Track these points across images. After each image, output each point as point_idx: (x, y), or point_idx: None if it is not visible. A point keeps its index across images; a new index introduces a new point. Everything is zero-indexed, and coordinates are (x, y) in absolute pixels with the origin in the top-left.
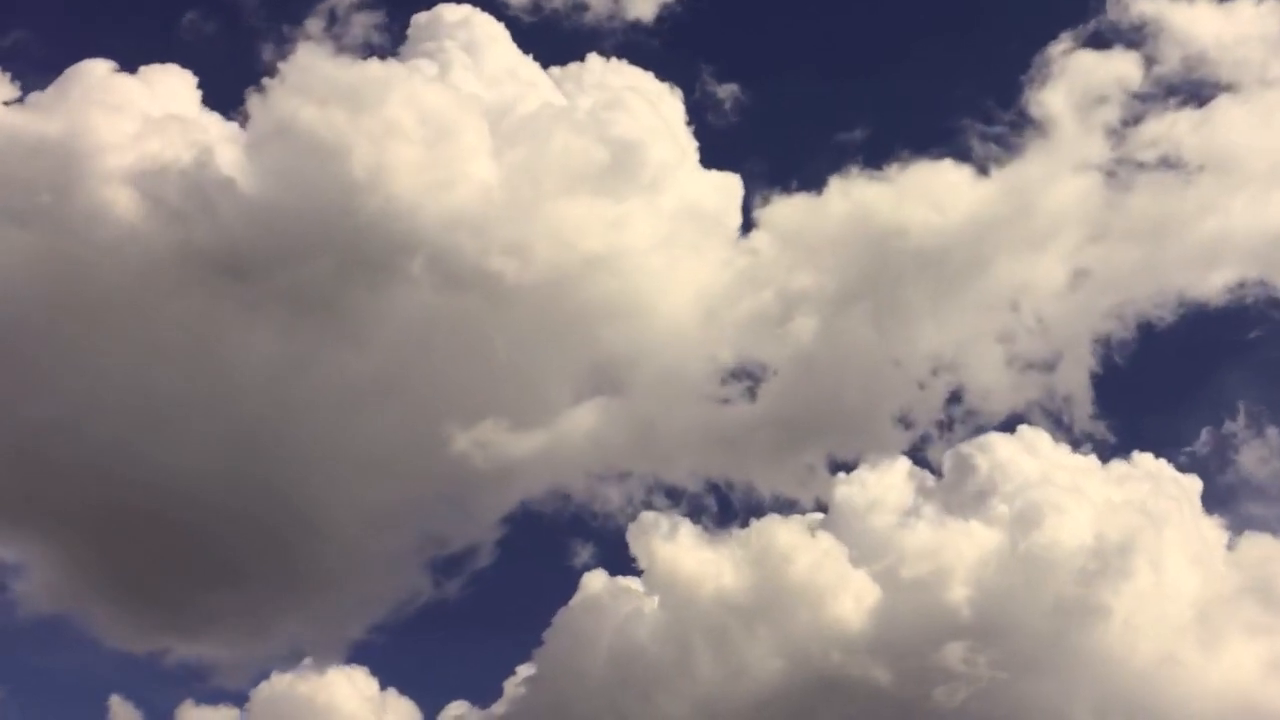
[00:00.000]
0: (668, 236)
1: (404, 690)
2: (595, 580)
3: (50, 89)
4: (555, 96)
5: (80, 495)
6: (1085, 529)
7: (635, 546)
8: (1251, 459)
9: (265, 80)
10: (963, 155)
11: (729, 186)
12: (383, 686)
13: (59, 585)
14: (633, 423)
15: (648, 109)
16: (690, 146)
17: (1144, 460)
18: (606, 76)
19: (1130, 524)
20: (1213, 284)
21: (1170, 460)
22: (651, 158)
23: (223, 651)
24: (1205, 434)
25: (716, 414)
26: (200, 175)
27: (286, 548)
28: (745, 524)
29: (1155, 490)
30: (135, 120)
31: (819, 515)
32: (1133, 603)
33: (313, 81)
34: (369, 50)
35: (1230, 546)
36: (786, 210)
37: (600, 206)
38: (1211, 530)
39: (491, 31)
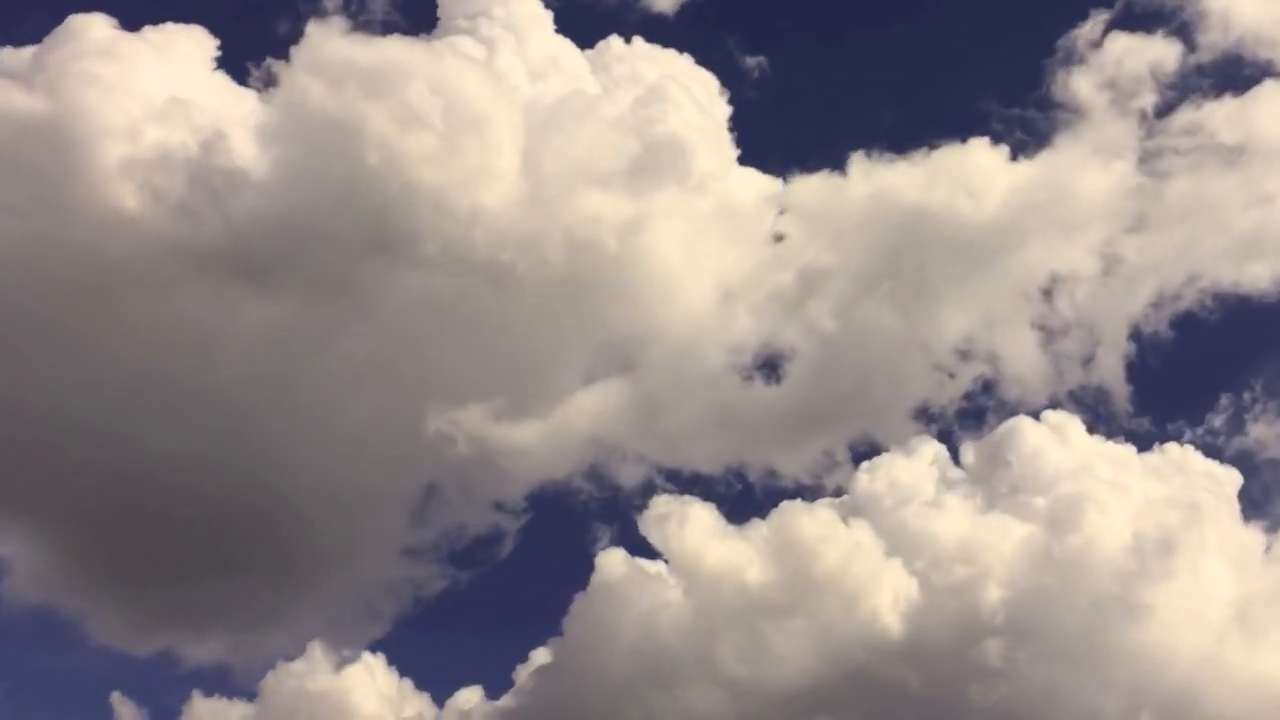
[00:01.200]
0: (697, 228)
1: (417, 678)
2: (614, 560)
3: (43, 45)
4: (589, 83)
5: (72, 487)
6: (1121, 524)
7: (652, 530)
8: None
9: (282, 59)
10: (989, 137)
11: (764, 185)
12: (399, 675)
13: (49, 578)
14: (651, 406)
15: (685, 98)
16: (726, 141)
17: (1182, 454)
18: (638, 64)
19: (1168, 519)
20: (1254, 275)
21: (1208, 454)
22: (684, 148)
23: (230, 644)
24: (1235, 422)
25: (737, 397)
26: (208, 162)
27: (291, 540)
28: (764, 511)
29: (1192, 484)
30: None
31: (846, 498)
32: (1171, 599)
33: (330, 61)
34: (391, 27)
35: (1268, 545)
36: (809, 190)
37: (629, 194)
38: (1250, 527)
39: (524, 10)
